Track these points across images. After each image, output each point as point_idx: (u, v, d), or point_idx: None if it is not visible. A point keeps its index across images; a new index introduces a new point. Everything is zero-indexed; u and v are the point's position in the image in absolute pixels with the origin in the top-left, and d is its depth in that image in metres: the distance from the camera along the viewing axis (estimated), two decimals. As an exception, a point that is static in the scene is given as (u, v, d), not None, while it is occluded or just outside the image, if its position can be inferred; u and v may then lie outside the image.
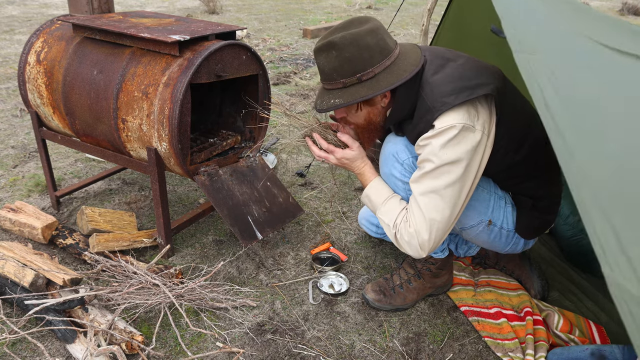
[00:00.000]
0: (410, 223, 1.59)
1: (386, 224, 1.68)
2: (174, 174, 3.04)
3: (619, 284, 0.70)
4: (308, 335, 1.87)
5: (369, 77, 1.54)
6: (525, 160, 1.68)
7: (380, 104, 1.65)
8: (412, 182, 1.60)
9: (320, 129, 1.79)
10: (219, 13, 8.39)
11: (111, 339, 1.72)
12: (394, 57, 1.56)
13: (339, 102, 1.57)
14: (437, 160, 1.50)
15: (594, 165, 0.88)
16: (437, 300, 2.07)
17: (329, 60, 1.55)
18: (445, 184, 1.52)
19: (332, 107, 1.58)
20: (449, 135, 1.47)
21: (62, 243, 2.23)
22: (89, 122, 2.15)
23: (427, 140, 1.52)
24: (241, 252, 2.33)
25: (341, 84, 1.57)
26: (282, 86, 4.89)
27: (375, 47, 1.51)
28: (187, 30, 2.01)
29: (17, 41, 5.95)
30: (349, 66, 1.53)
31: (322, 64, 1.57)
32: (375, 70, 1.54)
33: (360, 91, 1.55)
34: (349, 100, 1.55)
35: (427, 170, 1.53)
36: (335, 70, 1.55)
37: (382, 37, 1.54)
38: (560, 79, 1.04)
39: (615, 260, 0.73)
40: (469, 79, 1.51)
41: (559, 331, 1.87)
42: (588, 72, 1.16)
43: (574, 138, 0.90)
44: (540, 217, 1.81)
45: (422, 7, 9.28)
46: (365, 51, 1.51)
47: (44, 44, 2.26)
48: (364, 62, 1.52)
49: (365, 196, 1.77)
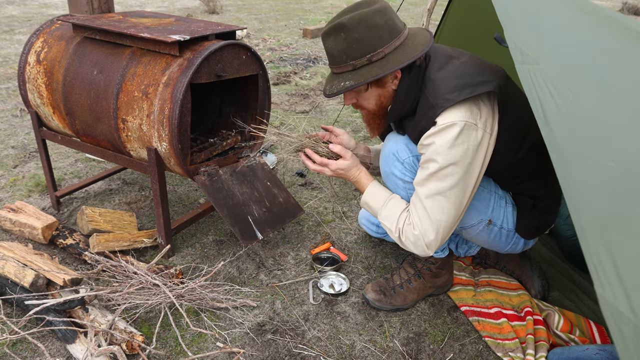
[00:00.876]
0: (415, 225, 1.59)
1: (388, 228, 1.68)
2: (174, 174, 3.04)
3: (610, 303, 0.72)
4: (308, 336, 1.87)
5: (379, 57, 1.51)
6: (526, 160, 1.68)
7: (391, 86, 1.61)
8: (416, 184, 1.59)
9: (311, 142, 1.79)
10: (219, 13, 8.39)
11: (111, 339, 1.72)
12: (403, 37, 1.53)
13: (349, 84, 1.53)
14: (442, 160, 1.50)
15: (592, 183, 0.89)
16: (437, 300, 2.07)
17: (338, 42, 1.51)
18: (450, 185, 1.52)
19: (343, 90, 1.54)
20: (452, 134, 1.47)
21: (63, 243, 2.22)
22: (89, 122, 2.15)
23: (430, 139, 1.52)
24: (241, 252, 2.33)
25: (351, 66, 1.53)
26: (282, 86, 4.88)
27: (384, 27, 1.48)
28: (187, 30, 2.01)
29: (17, 41, 5.95)
30: (359, 47, 1.50)
31: (331, 47, 1.54)
32: (386, 50, 1.50)
33: (370, 71, 1.51)
34: (360, 81, 1.51)
35: (432, 172, 1.53)
36: (344, 52, 1.52)
37: (391, 17, 1.51)
38: (561, 92, 1.04)
39: (608, 280, 0.75)
40: (471, 76, 1.51)
41: (559, 331, 1.87)
42: (591, 84, 1.15)
43: (572, 153, 0.92)
44: (540, 217, 1.81)
45: (422, 7, 9.28)
46: (374, 31, 1.48)
47: (44, 44, 2.26)
48: (374, 42, 1.49)
49: (364, 203, 1.78)
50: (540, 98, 1.02)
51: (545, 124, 0.97)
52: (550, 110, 0.99)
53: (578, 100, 1.06)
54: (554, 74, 1.10)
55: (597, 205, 0.86)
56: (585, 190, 0.87)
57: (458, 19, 3.07)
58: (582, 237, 0.80)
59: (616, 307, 0.71)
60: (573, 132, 0.97)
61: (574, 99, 1.05)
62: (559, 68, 1.16)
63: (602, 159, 0.93)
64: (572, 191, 0.86)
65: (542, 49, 1.23)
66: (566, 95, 1.04)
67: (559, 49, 1.28)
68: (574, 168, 0.89)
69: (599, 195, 0.88)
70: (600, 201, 0.87)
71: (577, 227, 0.81)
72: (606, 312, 0.72)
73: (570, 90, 1.07)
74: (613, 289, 0.73)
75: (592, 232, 0.80)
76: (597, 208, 0.85)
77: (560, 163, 0.90)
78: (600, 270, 0.76)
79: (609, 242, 0.79)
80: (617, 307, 0.71)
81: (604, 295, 0.73)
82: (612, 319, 0.71)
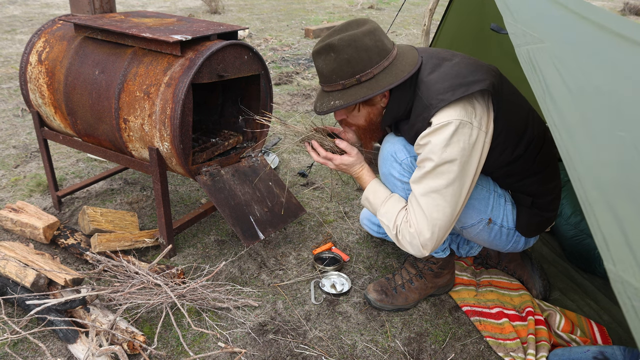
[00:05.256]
0: (411, 223, 1.60)
1: (386, 225, 1.69)
2: (175, 174, 3.04)
3: (622, 278, 0.68)
4: (310, 335, 1.87)
5: (368, 77, 1.55)
6: (523, 158, 1.68)
7: (380, 104, 1.66)
8: (412, 182, 1.60)
9: (318, 135, 1.81)
10: (220, 13, 8.39)
11: (113, 339, 1.72)
12: (392, 57, 1.57)
13: (339, 104, 1.57)
14: (437, 159, 1.51)
15: (600, 154, 0.85)
16: (439, 300, 2.07)
17: (328, 62, 1.55)
18: (446, 183, 1.52)
19: (332, 109, 1.58)
20: (447, 133, 1.48)
21: (64, 243, 2.23)
22: (90, 122, 2.16)
23: (426, 139, 1.53)
24: (243, 252, 2.33)
25: (340, 85, 1.57)
26: (284, 86, 4.89)
27: (373, 48, 1.52)
28: (189, 30, 2.01)
29: (18, 41, 5.96)
30: (348, 68, 1.53)
31: (321, 66, 1.58)
32: (374, 71, 1.54)
33: (359, 92, 1.55)
34: (349, 101, 1.56)
35: (427, 170, 1.54)
36: (334, 72, 1.55)
37: (380, 38, 1.55)
38: (569, 68, 1.00)
39: (619, 254, 0.70)
40: (464, 76, 1.52)
41: (560, 331, 1.86)
42: (600, 62, 1.12)
43: (578, 124, 0.87)
44: (540, 214, 1.81)
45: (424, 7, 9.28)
46: (363, 52, 1.51)
47: (45, 44, 2.26)
48: (363, 63, 1.53)
49: (364, 199, 1.79)
50: (543, 74, 0.98)
51: (550, 99, 0.93)
52: (556, 84, 0.95)
53: (586, 75, 1.02)
54: (561, 51, 1.06)
55: (605, 176, 0.81)
56: (592, 162, 0.82)
57: (459, 19, 3.07)
58: (588, 212, 0.75)
59: (629, 282, 0.67)
60: (580, 104, 0.93)
61: (582, 75, 1.02)
62: (566, 46, 1.12)
63: (612, 128, 0.89)
64: (576, 164, 0.81)
65: (546, 30, 1.20)
66: (574, 71, 1.01)
67: (564, 31, 1.25)
68: (579, 139, 0.85)
69: (608, 165, 0.82)
70: (609, 172, 0.81)
71: (583, 202, 0.76)
72: (618, 289, 0.67)
73: (579, 66, 1.04)
74: (625, 263, 0.69)
75: (600, 204, 0.75)
76: (606, 179, 0.80)
77: (564, 135, 0.86)
78: (612, 244, 0.71)
79: (620, 214, 0.74)
80: (630, 282, 0.67)
81: (614, 271, 0.68)
82: (625, 295, 0.66)
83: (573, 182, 0.80)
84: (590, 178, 0.80)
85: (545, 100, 0.94)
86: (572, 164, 0.83)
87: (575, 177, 0.81)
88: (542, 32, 1.15)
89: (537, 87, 0.98)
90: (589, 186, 0.79)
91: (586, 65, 1.09)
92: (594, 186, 0.79)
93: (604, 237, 0.72)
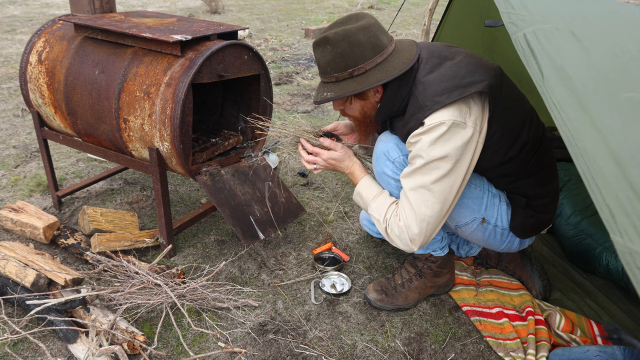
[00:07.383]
0: (401, 217, 1.61)
1: (377, 219, 1.71)
2: (175, 174, 3.04)
3: (631, 249, 0.66)
4: (310, 335, 1.87)
5: (360, 72, 1.58)
6: (518, 159, 1.68)
7: (373, 99, 1.69)
8: (402, 177, 1.63)
9: (306, 135, 1.85)
10: (220, 13, 8.39)
11: (113, 339, 1.72)
12: (386, 54, 1.59)
13: (331, 95, 1.62)
14: (427, 156, 1.52)
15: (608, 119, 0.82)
16: (439, 300, 2.07)
17: (324, 54, 1.60)
18: (435, 179, 1.54)
19: (325, 100, 1.64)
20: (439, 132, 1.49)
21: (64, 243, 2.23)
22: (90, 122, 2.16)
23: (417, 137, 1.54)
24: (243, 252, 2.33)
25: (334, 77, 1.62)
26: (284, 86, 4.89)
27: (366, 44, 1.55)
28: (189, 30, 2.01)
29: (18, 41, 5.96)
30: (341, 61, 1.57)
31: (319, 57, 1.63)
32: (367, 66, 1.57)
33: (350, 85, 1.59)
34: (340, 94, 1.60)
35: (417, 166, 1.55)
36: (329, 64, 1.60)
37: (375, 34, 1.57)
38: (579, 37, 0.98)
39: (624, 226, 0.68)
40: (462, 77, 1.52)
41: (560, 331, 1.86)
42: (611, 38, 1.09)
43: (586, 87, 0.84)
44: (535, 215, 1.81)
45: (424, 7, 9.28)
46: (356, 47, 1.55)
47: (45, 44, 2.26)
48: (356, 58, 1.56)
49: (356, 194, 1.80)
50: (546, 50, 0.96)
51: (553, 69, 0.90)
52: (562, 52, 0.93)
53: (596, 45, 0.99)
54: (569, 27, 1.05)
55: (614, 142, 0.77)
56: (599, 128, 0.78)
57: (458, 19, 3.07)
58: (592, 185, 0.72)
59: (638, 252, 0.64)
60: (588, 68, 0.90)
61: (591, 44, 0.99)
62: (575, 23, 1.10)
63: (621, 90, 0.86)
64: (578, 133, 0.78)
65: (551, 12, 1.19)
66: (584, 39, 0.98)
67: (570, 13, 1.23)
68: (589, 100, 0.81)
69: (617, 130, 0.78)
70: (618, 137, 0.78)
71: (585, 176, 0.74)
72: (627, 260, 0.65)
73: (588, 39, 1.01)
74: (631, 234, 0.66)
75: (609, 172, 0.72)
76: (614, 146, 0.76)
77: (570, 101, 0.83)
78: (620, 215, 0.68)
79: (632, 180, 0.70)
80: (639, 252, 0.64)
81: (622, 242, 0.66)
82: (634, 266, 0.64)
83: (574, 158, 0.78)
84: (597, 150, 0.77)
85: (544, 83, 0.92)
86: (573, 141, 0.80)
87: (577, 152, 0.78)
88: (546, 14, 1.14)
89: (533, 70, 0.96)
90: (590, 159, 0.76)
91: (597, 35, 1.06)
92: (599, 158, 0.76)
93: (609, 209, 0.70)
